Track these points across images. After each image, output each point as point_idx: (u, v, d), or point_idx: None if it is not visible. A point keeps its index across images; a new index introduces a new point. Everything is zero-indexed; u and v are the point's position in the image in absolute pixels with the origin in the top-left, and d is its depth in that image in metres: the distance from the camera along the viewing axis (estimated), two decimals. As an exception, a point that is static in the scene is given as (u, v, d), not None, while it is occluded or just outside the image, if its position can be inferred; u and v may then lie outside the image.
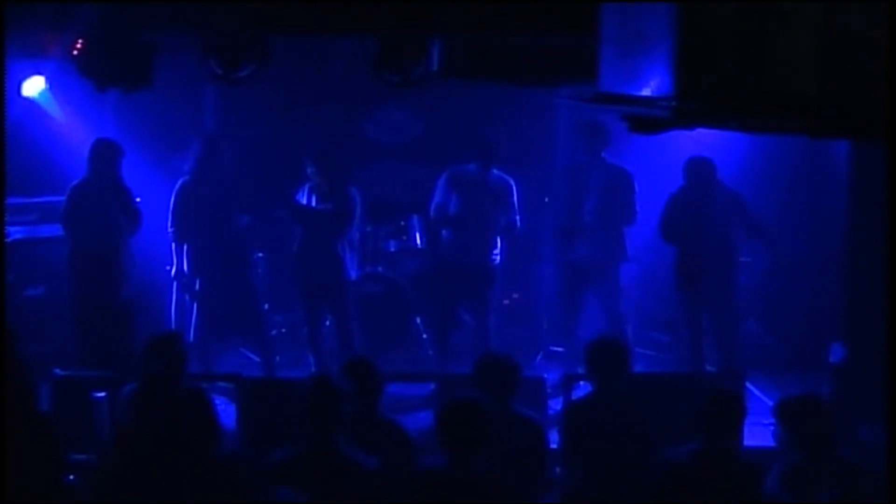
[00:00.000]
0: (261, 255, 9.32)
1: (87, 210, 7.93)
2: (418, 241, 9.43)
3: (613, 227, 8.55)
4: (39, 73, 7.98)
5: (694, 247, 8.23)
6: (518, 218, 8.58)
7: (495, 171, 8.53)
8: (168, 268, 8.56)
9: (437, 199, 8.62)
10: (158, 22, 6.48)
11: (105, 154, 7.96)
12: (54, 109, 8.74)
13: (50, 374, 6.89)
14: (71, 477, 5.56)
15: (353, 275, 8.72)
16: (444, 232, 8.73)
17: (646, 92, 3.97)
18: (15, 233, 8.56)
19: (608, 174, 8.50)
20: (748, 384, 7.57)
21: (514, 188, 8.56)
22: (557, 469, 6.08)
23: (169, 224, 8.42)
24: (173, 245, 8.47)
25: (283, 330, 9.65)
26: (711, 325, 8.40)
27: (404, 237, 9.53)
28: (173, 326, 8.54)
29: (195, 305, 8.59)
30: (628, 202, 8.51)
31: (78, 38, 6.75)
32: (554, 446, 6.04)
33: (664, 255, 8.72)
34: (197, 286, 8.53)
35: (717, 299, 8.32)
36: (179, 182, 8.47)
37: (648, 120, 4.05)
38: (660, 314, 9.51)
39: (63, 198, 8.08)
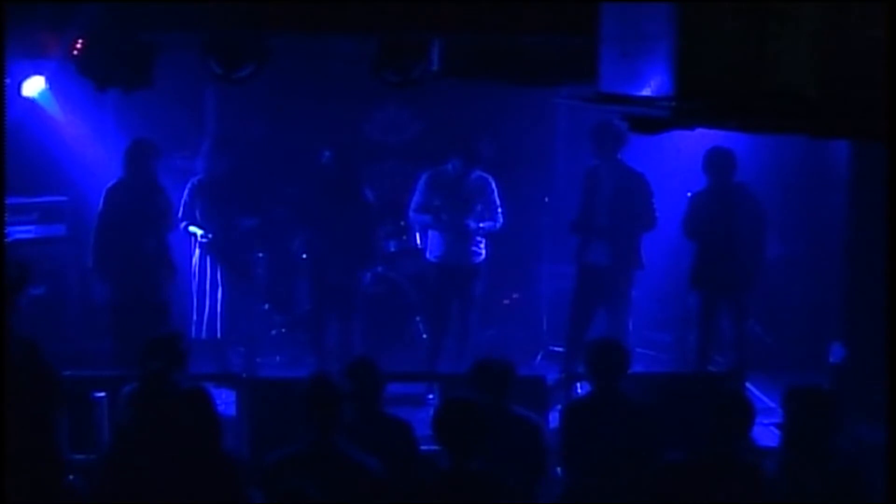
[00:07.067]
0: (261, 255, 9.32)
1: (124, 212, 7.97)
2: (418, 242, 9.43)
3: (629, 233, 8.41)
4: (39, 73, 7.98)
5: (715, 243, 8.16)
6: (500, 213, 8.58)
7: (475, 172, 8.53)
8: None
9: (416, 199, 8.65)
10: (158, 22, 6.48)
11: (141, 155, 8.04)
12: (54, 109, 8.74)
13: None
14: (71, 477, 5.56)
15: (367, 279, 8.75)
16: (427, 232, 8.76)
17: (646, 92, 3.98)
18: (15, 233, 8.57)
19: (622, 177, 8.38)
20: (748, 384, 7.56)
21: (494, 186, 8.56)
22: (557, 469, 6.08)
23: (181, 218, 8.57)
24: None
25: (283, 330, 9.64)
26: (727, 323, 8.37)
27: (404, 237, 9.52)
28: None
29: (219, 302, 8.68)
30: (646, 207, 8.38)
31: (78, 38, 6.74)
32: (554, 446, 6.04)
33: (665, 255, 8.71)
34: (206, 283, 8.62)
35: (736, 296, 8.28)
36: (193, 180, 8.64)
37: (648, 120, 4.05)
38: (660, 314, 9.50)
39: (64, 198, 8.08)
